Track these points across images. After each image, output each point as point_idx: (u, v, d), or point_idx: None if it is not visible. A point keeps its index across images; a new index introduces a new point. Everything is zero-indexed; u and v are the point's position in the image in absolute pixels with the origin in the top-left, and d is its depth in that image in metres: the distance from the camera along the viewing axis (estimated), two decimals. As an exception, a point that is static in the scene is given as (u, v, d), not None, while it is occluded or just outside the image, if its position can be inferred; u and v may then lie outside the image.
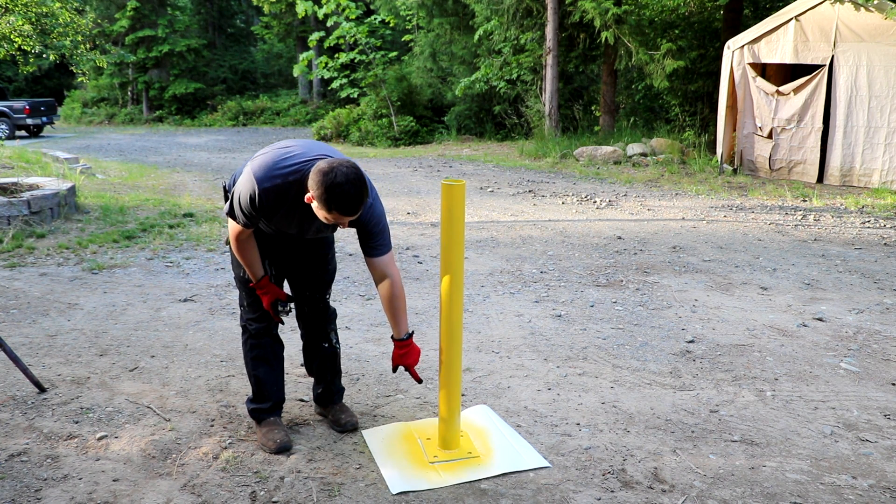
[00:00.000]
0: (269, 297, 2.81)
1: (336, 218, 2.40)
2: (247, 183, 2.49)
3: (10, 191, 7.21)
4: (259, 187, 2.46)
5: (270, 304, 2.81)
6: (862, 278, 5.48)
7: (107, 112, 29.77)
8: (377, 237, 2.65)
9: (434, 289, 5.20)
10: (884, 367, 3.77)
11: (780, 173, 10.52)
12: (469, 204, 8.66)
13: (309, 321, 3.07)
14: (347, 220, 2.44)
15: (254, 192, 2.47)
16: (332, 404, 3.11)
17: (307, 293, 3.01)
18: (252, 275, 2.78)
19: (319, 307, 3.05)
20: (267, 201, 2.49)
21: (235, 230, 2.66)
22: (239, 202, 2.53)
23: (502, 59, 16.79)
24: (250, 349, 2.93)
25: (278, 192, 2.48)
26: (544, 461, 2.78)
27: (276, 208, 2.53)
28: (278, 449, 2.81)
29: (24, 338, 4.11)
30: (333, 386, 3.11)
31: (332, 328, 3.09)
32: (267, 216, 2.57)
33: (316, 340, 3.08)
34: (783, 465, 2.78)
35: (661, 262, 5.97)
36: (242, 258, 2.74)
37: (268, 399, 2.94)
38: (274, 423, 2.92)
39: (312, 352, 3.10)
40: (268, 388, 2.93)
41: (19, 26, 8.58)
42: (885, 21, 9.20)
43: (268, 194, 2.47)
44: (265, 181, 2.46)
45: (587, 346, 4.05)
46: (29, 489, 2.57)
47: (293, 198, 2.51)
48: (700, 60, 14.52)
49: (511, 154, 14.66)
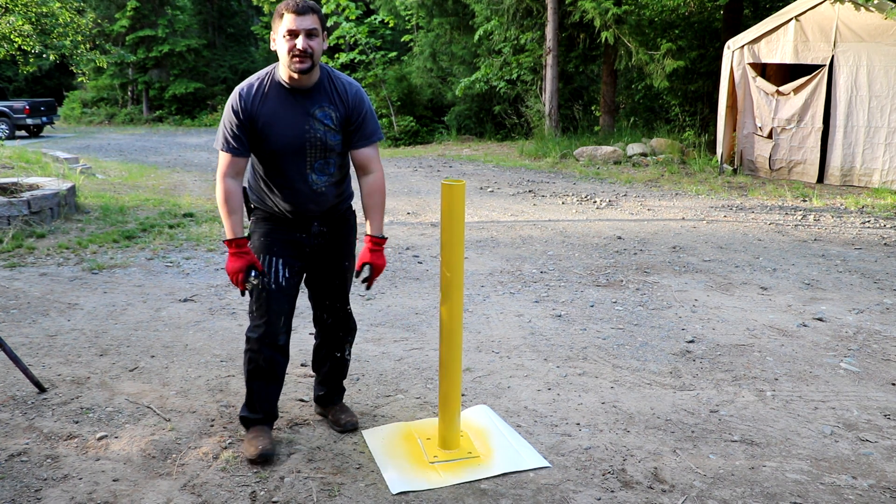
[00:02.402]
0: (243, 262, 2.65)
1: (289, 23, 2.52)
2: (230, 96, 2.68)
3: (10, 191, 7.21)
4: (238, 87, 2.66)
5: (242, 269, 2.64)
6: (862, 278, 5.48)
7: (107, 112, 29.78)
8: (370, 122, 2.75)
9: (434, 289, 5.19)
10: (884, 367, 3.77)
11: (780, 173, 10.52)
12: (469, 204, 8.66)
13: (329, 330, 3.00)
14: (302, 26, 2.52)
15: (234, 94, 2.63)
16: (333, 405, 3.11)
17: (327, 302, 2.95)
18: (229, 229, 2.65)
19: (340, 316, 2.98)
20: (247, 93, 2.62)
21: (223, 167, 2.65)
22: (224, 117, 2.65)
23: (502, 59, 16.79)
24: (248, 361, 2.83)
25: (256, 79, 2.67)
26: (544, 461, 2.78)
27: (256, 99, 2.62)
28: (260, 455, 2.71)
29: (24, 338, 4.11)
30: (336, 389, 3.10)
31: (349, 340, 3.05)
32: (253, 113, 2.61)
33: (330, 349, 3.03)
34: (783, 465, 2.78)
35: (661, 262, 5.97)
36: (225, 205, 2.64)
37: (258, 412, 2.85)
38: (261, 430, 2.83)
39: (323, 358, 3.06)
40: (260, 403, 2.84)
41: (19, 26, 8.58)
42: (885, 21, 9.20)
43: (247, 83, 2.66)
44: (243, 83, 2.69)
45: (587, 346, 4.05)
46: (29, 489, 2.57)
47: (270, 84, 2.64)
48: (700, 60, 14.52)
49: (511, 154, 14.66)
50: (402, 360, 3.83)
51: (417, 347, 4.03)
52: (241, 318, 4.44)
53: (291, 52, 2.54)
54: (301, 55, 2.54)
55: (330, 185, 2.77)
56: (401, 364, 3.78)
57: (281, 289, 2.77)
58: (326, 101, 2.68)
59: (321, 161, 2.71)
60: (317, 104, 2.66)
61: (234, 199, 2.66)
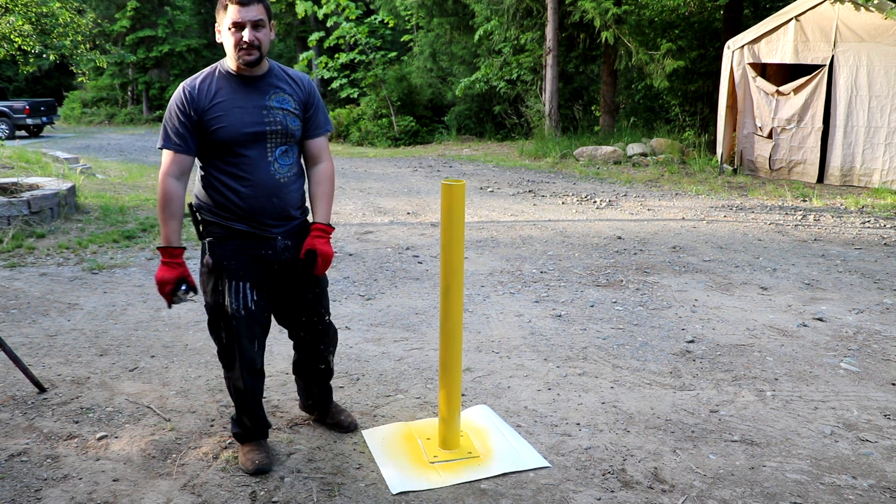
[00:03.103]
0: (175, 273, 2.51)
1: (233, 15, 2.44)
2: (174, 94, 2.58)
3: (10, 191, 7.21)
4: (182, 83, 2.57)
5: (172, 281, 2.51)
6: (862, 278, 5.48)
7: (107, 112, 29.79)
8: (322, 112, 2.72)
9: (434, 289, 5.19)
10: (884, 367, 3.77)
11: (780, 173, 10.52)
12: (469, 204, 8.66)
13: (307, 346, 2.88)
14: (248, 17, 2.44)
15: (181, 88, 2.54)
16: (328, 409, 3.06)
17: (303, 318, 2.79)
18: (165, 235, 2.52)
19: (319, 330, 2.83)
20: (192, 87, 2.53)
21: (165, 166, 2.52)
22: (166, 115, 2.55)
23: (502, 59, 16.79)
24: (229, 386, 2.74)
25: (201, 76, 2.58)
26: (544, 461, 2.78)
27: (203, 92, 2.52)
28: (257, 470, 2.66)
29: (24, 338, 4.11)
30: (324, 394, 3.02)
31: (331, 350, 2.94)
32: (201, 107, 2.50)
33: (312, 363, 2.92)
34: (783, 465, 2.78)
35: (661, 262, 5.97)
36: (164, 208, 2.50)
37: (246, 426, 2.76)
38: (257, 444, 2.76)
39: (306, 373, 2.96)
40: (248, 420, 2.75)
41: (19, 26, 8.58)
42: (885, 21, 9.20)
43: (192, 80, 2.56)
44: (186, 80, 2.59)
45: (587, 346, 4.05)
46: (29, 489, 2.57)
47: (218, 77, 2.56)
48: (700, 60, 14.52)
49: (511, 154, 14.66)
50: (402, 360, 3.83)
51: (417, 347, 4.03)
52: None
53: (238, 46, 2.46)
54: (248, 47, 2.46)
55: (292, 177, 2.63)
56: (401, 364, 3.78)
57: (251, 314, 2.60)
58: (284, 86, 2.61)
59: (282, 147, 2.60)
60: (272, 89, 2.58)
61: (175, 202, 2.52)
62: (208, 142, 2.53)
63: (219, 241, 2.60)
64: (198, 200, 2.64)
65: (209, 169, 2.59)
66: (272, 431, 2.98)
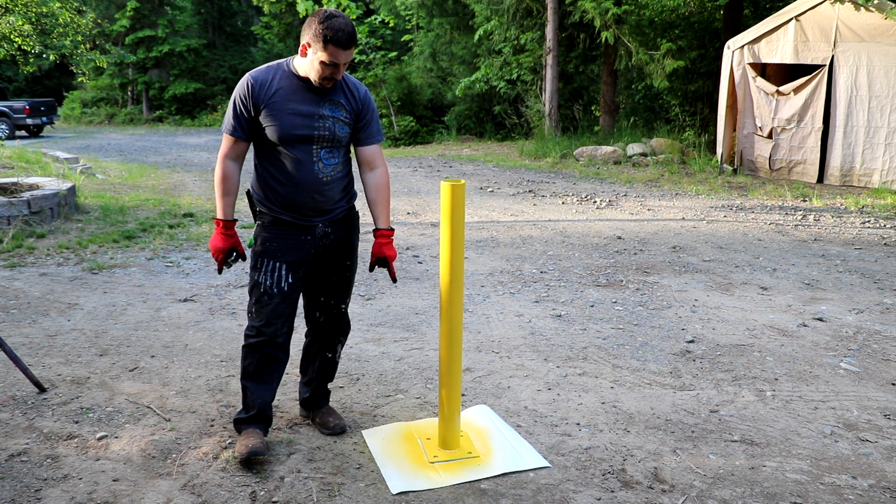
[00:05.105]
0: (228, 243, 2.76)
1: (332, 55, 2.52)
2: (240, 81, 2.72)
3: (10, 191, 7.21)
4: (249, 73, 2.70)
5: (225, 250, 2.76)
6: (862, 278, 5.48)
7: (107, 112, 29.79)
8: (375, 122, 2.84)
9: (434, 289, 5.20)
10: (884, 367, 3.77)
11: (780, 173, 10.52)
12: (469, 204, 8.66)
13: (320, 329, 2.97)
14: (343, 60, 2.55)
15: (246, 78, 2.67)
16: (318, 408, 3.08)
17: (322, 298, 2.92)
18: (221, 209, 2.75)
19: (334, 315, 2.95)
20: (255, 79, 2.65)
21: (224, 148, 2.72)
22: (232, 99, 2.69)
23: (502, 59, 16.79)
24: (244, 356, 2.82)
25: (267, 70, 2.70)
26: (544, 461, 2.78)
27: (265, 87, 2.64)
28: (250, 453, 2.67)
29: (24, 338, 4.11)
30: (321, 391, 3.07)
31: (341, 341, 3.03)
32: (260, 101, 2.63)
33: (321, 348, 3.00)
34: (783, 465, 2.78)
35: (661, 262, 5.97)
36: (221, 185, 2.73)
37: (251, 409, 2.82)
38: (253, 431, 2.79)
39: (312, 356, 3.04)
40: (253, 398, 2.80)
41: (19, 26, 8.59)
42: (885, 21, 9.20)
43: (258, 72, 2.69)
44: (254, 70, 2.72)
45: (587, 346, 4.05)
46: (29, 489, 2.57)
47: (282, 76, 2.67)
48: (700, 60, 14.53)
49: (511, 154, 14.66)
50: (402, 360, 3.83)
51: (417, 347, 4.03)
52: (241, 318, 4.44)
53: (324, 78, 2.60)
54: (332, 80, 2.62)
55: (336, 176, 2.77)
56: (401, 364, 3.78)
57: (283, 293, 2.76)
58: (339, 96, 2.72)
59: (327, 149, 2.73)
60: (328, 98, 2.69)
61: (230, 180, 2.74)
62: (260, 135, 2.70)
63: (265, 225, 2.79)
64: (252, 188, 2.84)
65: (260, 160, 2.77)
66: (272, 431, 2.99)
